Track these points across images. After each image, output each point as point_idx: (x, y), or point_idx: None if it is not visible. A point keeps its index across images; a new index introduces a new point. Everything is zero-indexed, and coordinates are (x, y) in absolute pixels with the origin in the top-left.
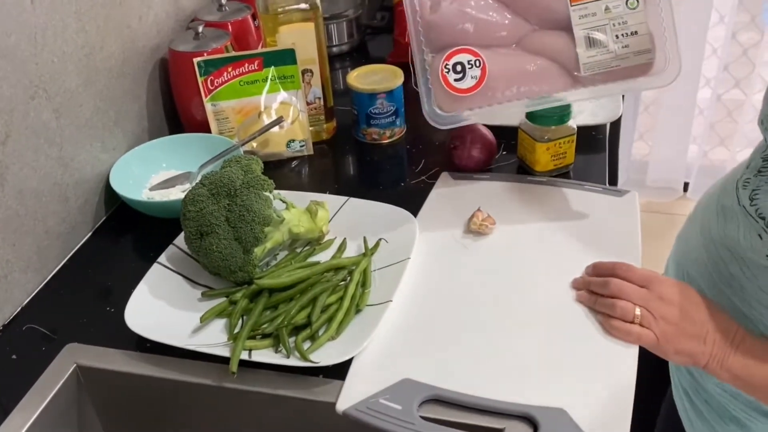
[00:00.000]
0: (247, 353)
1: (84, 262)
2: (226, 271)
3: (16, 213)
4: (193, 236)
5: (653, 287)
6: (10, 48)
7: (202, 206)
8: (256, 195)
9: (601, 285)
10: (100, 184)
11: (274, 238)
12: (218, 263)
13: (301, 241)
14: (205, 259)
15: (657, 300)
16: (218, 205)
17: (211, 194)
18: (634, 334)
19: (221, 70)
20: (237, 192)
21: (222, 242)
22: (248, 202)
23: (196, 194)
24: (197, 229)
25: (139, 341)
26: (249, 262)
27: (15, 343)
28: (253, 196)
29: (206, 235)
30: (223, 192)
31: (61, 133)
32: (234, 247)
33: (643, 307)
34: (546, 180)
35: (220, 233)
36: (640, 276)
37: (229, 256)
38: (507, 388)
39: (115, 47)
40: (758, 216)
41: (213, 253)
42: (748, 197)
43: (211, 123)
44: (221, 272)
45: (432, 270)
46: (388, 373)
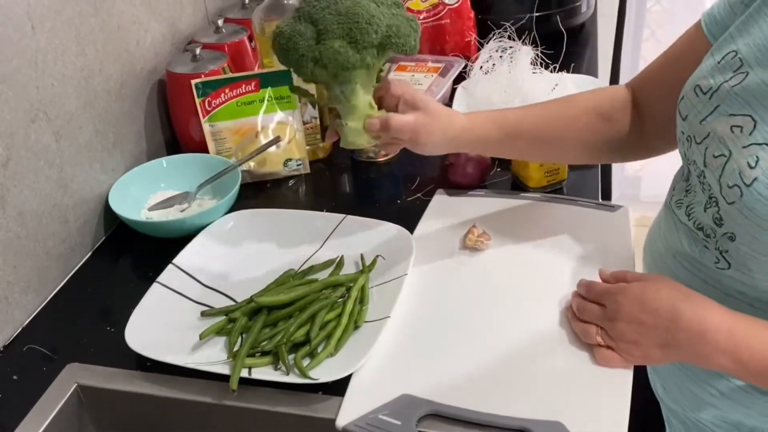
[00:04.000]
0: (247, 371)
1: (84, 283)
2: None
3: (16, 235)
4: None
5: (608, 304)
6: (11, 72)
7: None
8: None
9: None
10: (100, 205)
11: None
12: (362, 22)
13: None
14: (352, 10)
15: (609, 321)
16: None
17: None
18: (602, 357)
19: (218, 92)
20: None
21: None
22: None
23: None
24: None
25: (139, 360)
26: (373, 54)
27: (16, 363)
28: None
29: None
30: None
31: (61, 155)
32: (383, 22)
33: (601, 328)
34: (540, 196)
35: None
36: (596, 293)
37: (375, 24)
38: (504, 402)
39: (113, 70)
40: (697, 228)
41: (365, 11)
42: (685, 213)
43: (209, 143)
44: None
45: (429, 286)
46: (387, 388)
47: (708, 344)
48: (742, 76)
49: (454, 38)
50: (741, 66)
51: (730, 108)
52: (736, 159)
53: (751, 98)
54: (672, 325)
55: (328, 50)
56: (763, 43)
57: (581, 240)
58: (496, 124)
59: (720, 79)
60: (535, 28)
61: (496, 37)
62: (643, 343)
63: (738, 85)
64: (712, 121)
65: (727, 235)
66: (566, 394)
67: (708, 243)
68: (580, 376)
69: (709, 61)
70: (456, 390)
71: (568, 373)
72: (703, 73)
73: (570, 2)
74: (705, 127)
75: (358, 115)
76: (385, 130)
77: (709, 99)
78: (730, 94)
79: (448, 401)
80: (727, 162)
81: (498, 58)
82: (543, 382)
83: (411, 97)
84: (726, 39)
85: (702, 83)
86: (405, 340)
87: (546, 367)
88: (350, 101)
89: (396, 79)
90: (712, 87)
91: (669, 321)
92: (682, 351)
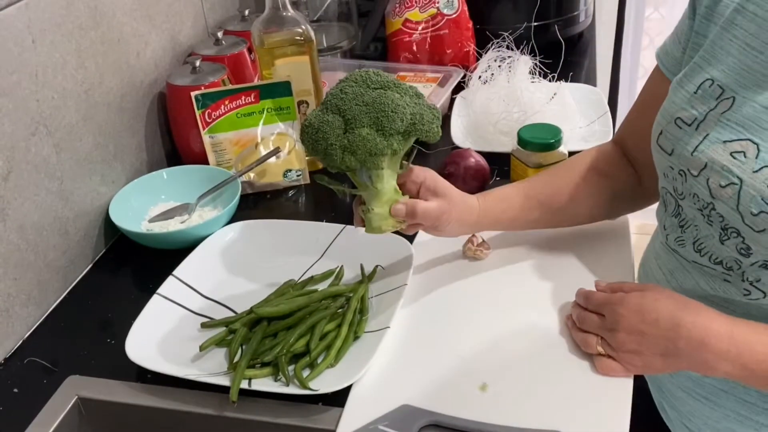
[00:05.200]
0: (247, 382)
1: (84, 295)
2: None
3: (17, 247)
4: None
5: (607, 314)
6: (12, 86)
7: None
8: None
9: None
10: (100, 217)
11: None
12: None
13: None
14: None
15: (609, 331)
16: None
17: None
18: (603, 367)
19: (218, 103)
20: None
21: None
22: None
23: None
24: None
25: (139, 372)
26: (398, 140)
27: (17, 376)
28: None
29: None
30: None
31: (61, 168)
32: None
33: (601, 337)
34: None
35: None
36: (595, 303)
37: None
38: (504, 411)
39: (113, 83)
40: (715, 263)
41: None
42: (695, 250)
43: (209, 155)
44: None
45: (429, 296)
46: (387, 399)
47: (710, 352)
48: (728, 102)
49: (453, 48)
50: (723, 92)
51: (722, 135)
52: (750, 185)
53: (747, 122)
54: (673, 335)
55: (356, 138)
56: (739, 66)
57: (581, 249)
58: (508, 203)
59: (703, 109)
60: (534, 38)
61: (494, 46)
62: (644, 353)
63: (727, 111)
64: (706, 150)
65: (758, 263)
66: (567, 403)
67: (730, 276)
68: (581, 386)
69: (680, 93)
70: (456, 400)
71: (568, 382)
72: (680, 105)
73: (568, 11)
74: (698, 157)
75: (383, 201)
76: (411, 217)
77: (695, 130)
78: (720, 122)
79: (449, 411)
80: (741, 190)
81: (497, 68)
82: (543, 391)
83: (433, 183)
84: (693, 69)
85: (682, 115)
86: (405, 351)
87: (546, 376)
88: (377, 187)
89: (419, 167)
90: (697, 117)
91: (669, 330)
92: (683, 360)
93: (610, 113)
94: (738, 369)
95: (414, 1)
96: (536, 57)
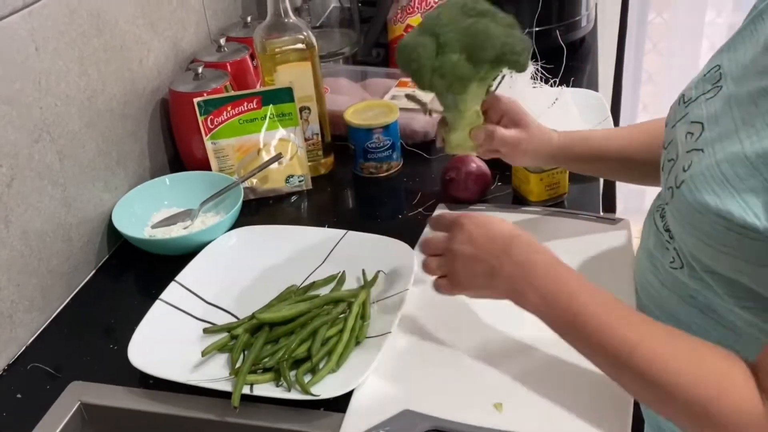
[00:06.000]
0: (249, 387)
1: (87, 301)
2: (471, 54)
3: (20, 254)
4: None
5: (454, 228)
6: (15, 93)
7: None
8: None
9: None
10: (103, 223)
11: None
12: (480, 40)
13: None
14: (472, 29)
15: (449, 241)
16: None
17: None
18: (434, 284)
19: (221, 110)
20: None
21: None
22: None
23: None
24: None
25: (142, 378)
26: (486, 69)
27: (20, 381)
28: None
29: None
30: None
31: (64, 175)
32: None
33: (439, 255)
34: (541, 210)
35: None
36: (444, 224)
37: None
38: (506, 417)
39: (116, 90)
40: (664, 229)
41: (483, 30)
42: (656, 210)
43: (212, 161)
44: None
45: (430, 301)
46: (389, 404)
47: (525, 279)
48: (717, 90)
49: None
50: (719, 80)
51: (692, 116)
52: (678, 162)
53: (711, 108)
54: (503, 255)
55: (447, 62)
56: (743, 62)
57: (582, 253)
58: (586, 145)
59: (700, 91)
60: (535, 43)
61: None
62: (471, 269)
63: (711, 98)
64: (678, 127)
65: (672, 235)
66: (567, 409)
67: (669, 244)
68: (582, 392)
69: (700, 72)
70: (458, 405)
71: (569, 388)
72: (691, 83)
73: (570, 16)
74: (672, 132)
75: (465, 124)
76: (489, 142)
77: (685, 108)
78: (700, 105)
79: (450, 416)
80: (673, 166)
81: None
82: (544, 397)
83: (515, 114)
84: (718, 53)
85: (686, 93)
86: (406, 356)
87: (547, 382)
88: (460, 109)
89: (505, 96)
90: (692, 97)
91: (501, 250)
92: (502, 281)
93: (612, 118)
94: (539, 299)
95: (416, 6)
96: (538, 62)
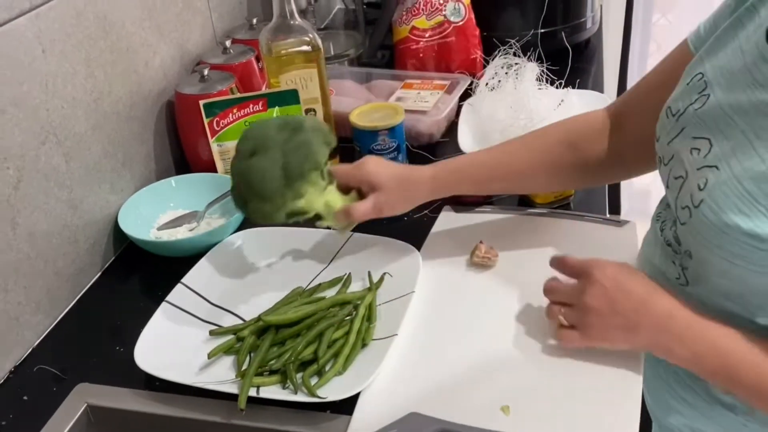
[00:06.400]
0: (255, 390)
1: (93, 303)
2: (258, 197)
3: (27, 256)
4: (244, 154)
5: (580, 279)
6: (22, 95)
7: (266, 130)
8: (318, 141)
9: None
10: (109, 225)
11: (310, 200)
12: (257, 183)
13: (325, 223)
14: (245, 177)
15: (579, 293)
16: (280, 134)
17: (279, 126)
18: (560, 336)
19: (226, 112)
20: (304, 129)
21: (268, 163)
22: (309, 140)
23: (264, 120)
24: (252, 147)
25: (148, 380)
26: (283, 195)
27: (26, 384)
28: (316, 139)
29: (257, 154)
30: (290, 126)
31: (70, 177)
32: (277, 172)
33: (566, 304)
34: (547, 211)
35: (270, 155)
36: (571, 269)
37: (269, 179)
38: (513, 419)
39: (122, 92)
40: (667, 244)
41: (255, 171)
42: (659, 228)
43: (218, 163)
44: (254, 196)
45: (436, 303)
46: (396, 407)
47: (670, 332)
48: (704, 99)
49: (460, 56)
50: (705, 88)
51: (693, 131)
52: (690, 181)
53: (710, 121)
54: (641, 308)
55: (250, 210)
56: (726, 67)
57: (589, 256)
58: (464, 174)
59: (686, 102)
60: (541, 45)
61: (501, 53)
62: (606, 323)
63: (701, 108)
64: (678, 143)
65: (687, 252)
66: (575, 412)
67: (675, 259)
68: (590, 394)
69: (681, 82)
70: (465, 407)
71: (577, 391)
72: (675, 95)
73: (575, 18)
74: (671, 148)
75: (327, 215)
76: (351, 221)
77: (676, 121)
78: (694, 117)
79: (457, 419)
80: (683, 184)
81: (503, 75)
82: (552, 400)
83: (363, 181)
84: (696, 61)
85: (672, 105)
86: (413, 358)
87: (555, 385)
88: (315, 208)
89: (337, 167)
90: (680, 110)
91: (639, 303)
92: (643, 336)
93: None
94: (690, 355)
95: (421, 8)
96: (543, 64)
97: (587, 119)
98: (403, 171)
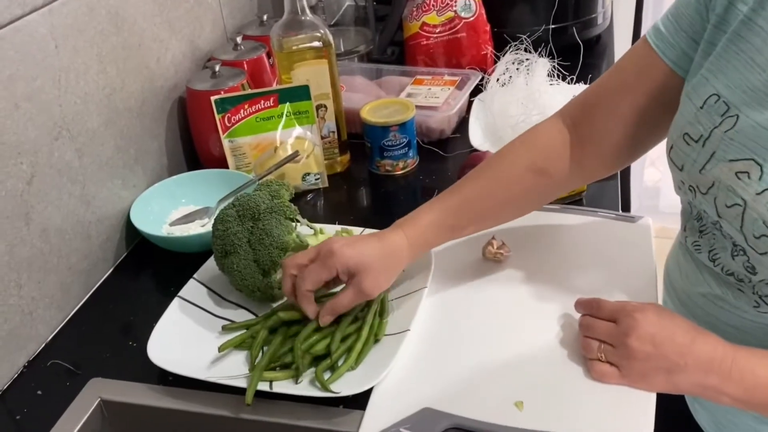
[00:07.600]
0: (268, 384)
1: (106, 298)
2: (247, 290)
3: (40, 251)
4: (219, 254)
5: (621, 320)
6: (35, 91)
7: (228, 226)
8: (278, 221)
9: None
10: (121, 220)
11: None
12: (238, 282)
13: None
14: (229, 276)
15: (622, 335)
16: (242, 226)
17: (238, 215)
18: (597, 371)
19: (238, 108)
20: (261, 216)
21: (242, 262)
22: (269, 227)
23: (224, 215)
24: (222, 248)
25: (161, 375)
26: (268, 285)
27: (40, 378)
28: (274, 222)
29: (229, 255)
30: (248, 214)
31: (83, 172)
32: (253, 268)
33: (607, 343)
34: (559, 207)
35: (240, 254)
36: (608, 311)
37: (248, 276)
38: (526, 415)
39: (134, 88)
40: (727, 274)
41: (234, 272)
42: (709, 259)
43: (229, 159)
44: (243, 290)
45: (449, 298)
46: (408, 402)
47: (716, 373)
48: (732, 120)
49: (471, 51)
50: (728, 110)
51: (728, 154)
52: (753, 207)
53: (749, 142)
54: (686, 350)
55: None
56: (745, 84)
57: (602, 252)
58: (437, 228)
59: (709, 125)
60: (552, 40)
61: (512, 49)
62: (649, 366)
63: (731, 129)
64: (712, 169)
65: (764, 281)
66: (589, 408)
67: (743, 287)
68: (604, 390)
69: (688, 106)
70: (478, 403)
71: (591, 387)
72: (687, 119)
73: (586, 14)
74: (706, 176)
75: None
76: (336, 315)
77: (702, 147)
78: (724, 140)
79: (470, 415)
80: (744, 211)
81: (515, 71)
82: (565, 395)
83: (341, 266)
84: (700, 81)
85: (690, 131)
86: (425, 353)
87: (568, 380)
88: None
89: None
90: (703, 134)
91: (685, 347)
92: (688, 377)
93: None
94: (741, 392)
95: (431, 4)
96: (554, 59)
97: (549, 136)
98: (376, 246)
